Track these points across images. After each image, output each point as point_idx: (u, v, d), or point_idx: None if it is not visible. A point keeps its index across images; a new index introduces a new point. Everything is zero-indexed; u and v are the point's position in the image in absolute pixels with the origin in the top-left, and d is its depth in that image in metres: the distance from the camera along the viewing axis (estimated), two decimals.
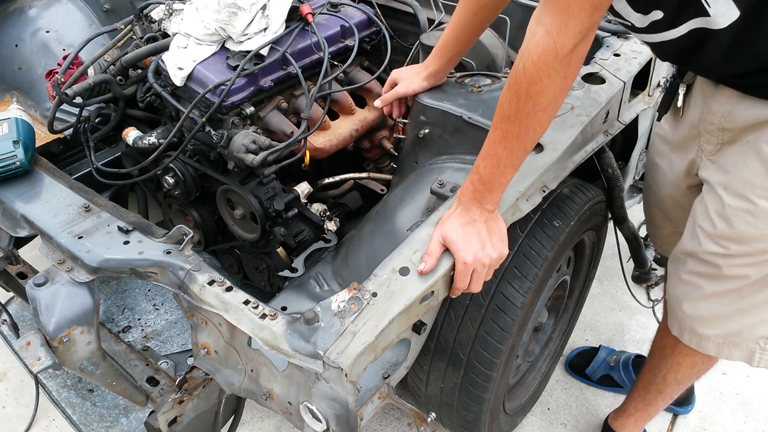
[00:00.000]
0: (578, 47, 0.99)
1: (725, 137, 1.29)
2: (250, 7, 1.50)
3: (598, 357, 2.15)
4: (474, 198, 1.12)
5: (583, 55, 1.02)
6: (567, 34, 0.96)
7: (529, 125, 1.05)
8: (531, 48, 1.00)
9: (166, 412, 1.26)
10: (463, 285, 1.13)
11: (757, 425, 2.06)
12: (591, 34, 1.00)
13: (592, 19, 0.97)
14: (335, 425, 1.03)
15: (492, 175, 1.10)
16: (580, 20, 0.96)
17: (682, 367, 1.60)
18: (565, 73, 1.00)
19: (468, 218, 1.12)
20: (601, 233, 1.83)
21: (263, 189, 1.51)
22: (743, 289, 1.33)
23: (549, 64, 0.98)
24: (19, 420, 1.98)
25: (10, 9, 2.21)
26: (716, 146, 1.31)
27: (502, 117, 1.06)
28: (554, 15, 0.97)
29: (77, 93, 1.58)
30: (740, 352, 1.42)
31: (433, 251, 1.10)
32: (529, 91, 1.01)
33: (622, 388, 2.10)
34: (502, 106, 1.06)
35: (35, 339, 1.25)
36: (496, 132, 1.08)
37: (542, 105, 1.03)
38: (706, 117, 1.31)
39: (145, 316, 1.91)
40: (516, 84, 1.02)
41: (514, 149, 1.08)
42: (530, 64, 0.99)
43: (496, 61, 1.78)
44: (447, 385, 1.47)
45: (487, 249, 1.11)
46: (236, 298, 1.12)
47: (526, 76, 1.01)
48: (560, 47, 0.97)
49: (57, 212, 1.37)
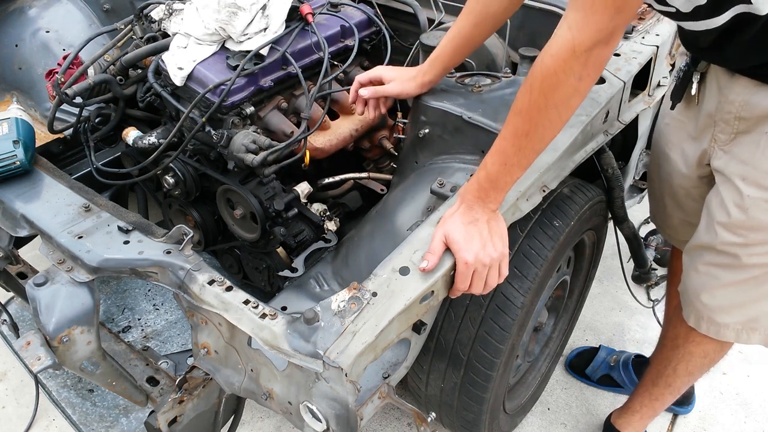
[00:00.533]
0: (597, 49, 0.97)
1: (741, 126, 1.29)
2: (250, 7, 1.50)
3: (598, 357, 2.15)
4: (478, 196, 1.11)
5: (602, 61, 1.00)
6: (586, 30, 0.95)
7: (539, 122, 1.04)
8: (552, 42, 0.99)
9: (166, 412, 1.26)
10: (464, 286, 1.12)
11: (757, 425, 2.06)
12: (613, 41, 0.98)
13: (614, 21, 0.94)
14: (335, 425, 1.03)
15: (498, 174, 1.09)
16: (601, 19, 0.94)
17: (694, 357, 1.60)
18: (581, 73, 0.98)
19: (470, 217, 1.11)
20: (601, 233, 1.83)
21: (263, 189, 1.51)
22: (761, 276, 1.36)
23: (565, 59, 0.97)
24: (19, 420, 1.98)
25: (10, 9, 2.21)
26: (730, 136, 1.32)
27: (514, 111, 1.06)
28: (577, 10, 0.96)
29: (77, 93, 1.58)
30: (759, 336, 1.45)
31: (436, 249, 1.09)
32: (542, 85, 1.00)
33: (622, 388, 2.10)
34: (516, 100, 1.05)
35: (35, 339, 1.25)
36: (507, 128, 1.08)
37: (553, 101, 1.01)
38: (723, 106, 1.32)
39: (145, 316, 1.91)
40: (531, 77, 1.02)
41: (522, 147, 1.07)
42: (548, 57, 0.99)
43: (496, 61, 1.78)
44: (447, 385, 1.47)
45: (488, 249, 1.11)
46: (236, 297, 1.12)
47: (541, 69, 1.00)
48: (578, 44, 0.96)
49: (57, 212, 1.37)
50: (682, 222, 1.66)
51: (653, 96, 1.73)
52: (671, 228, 1.74)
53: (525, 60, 1.67)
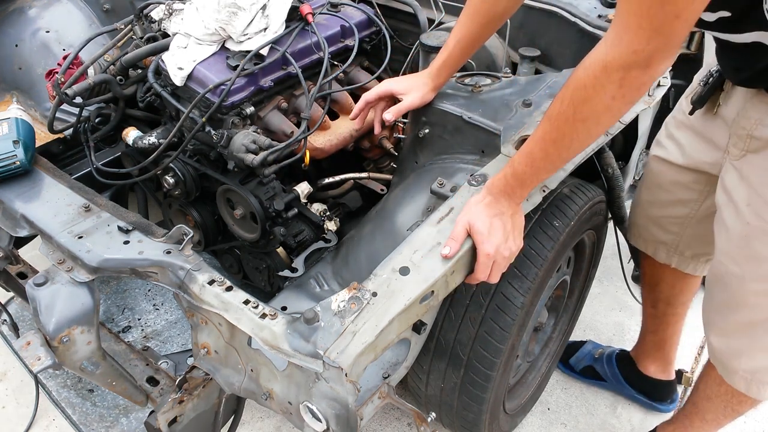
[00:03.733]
0: (634, 71, 0.90)
1: (752, 145, 1.26)
2: (250, 7, 1.50)
3: (583, 349, 2.16)
4: (505, 191, 1.12)
5: (639, 85, 0.93)
6: (619, 49, 0.90)
7: (566, 133, 1.02)
8: (589, 55, 0.96)
9: (166, 412, 1.26)
10: (483, 275, 1.14)
11: (757, 425, 2.05)
12: (653, 66, 0.90)
13: (651, 45, 0.87)
14: (335, 425, 1.03)
15: (525, 174, 1.10)
16: (635, 39, 0.88)
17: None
18: (614, 93, 0.93)
19: (496, 210, 1.12)
20: (601, 233, 1.83)
21: (263, 189, 1.51)
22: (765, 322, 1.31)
23: (596, 75, 0.93)
24: (19, 420, 1.98)
25: (10, 9, 2.21)
26: (741, 152, 1.29)
27: (546, 116, 1.05)
28: (615, 26, 0.92)
29: (77, 93, 1.58)
30: None
31: (458, 236, 1.11)
32: (573, 96, 0.98)
33: (605, 381, 2.10)
34: (550, 105, 1.04)
35: (35, 339, 1.25)
36: (537, 131, 1.07)
37: (582, 114, 0.98)
38: (739, 120, 1.29)
39: (145, 316, 1.91)
40: (566, 86, 1.00)
41: (549, 153, 1.06)
42: (581, 69, 0.97)
43: (496, 61, 1.78)
44: (447, 384, 1.47)
45: (509, 242, 1.13)
46: (236, 297, 1.12)
47: (575, 79, 0.98)
48: (610, 60, 0.91)
49: (57, 212, 1.37)
50: (653, 216, 1.64)
51: (653, 96, 1.72)
52: (638, 226, 1.73)
53: (525, 60, 1.67)
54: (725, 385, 1.51)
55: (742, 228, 1.28)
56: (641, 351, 2.00)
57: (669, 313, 1.85)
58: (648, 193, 1.67)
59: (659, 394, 2.01)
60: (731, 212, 1.31)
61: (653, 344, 1.95)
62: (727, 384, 1.50)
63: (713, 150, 1.41)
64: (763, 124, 1.23)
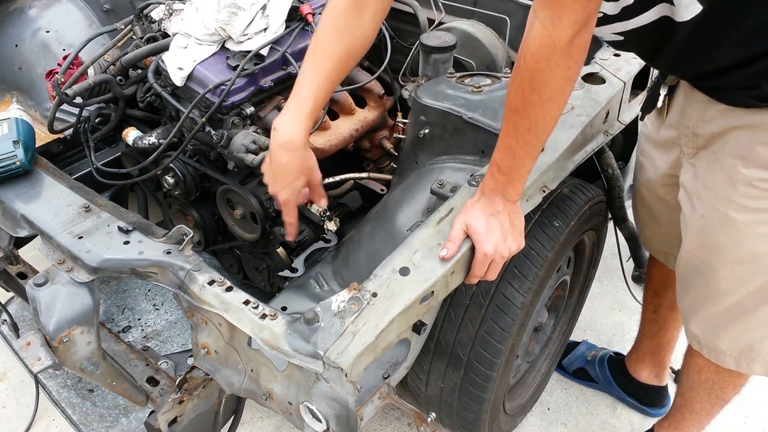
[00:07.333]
0: (578, 37, 0.95)
1: (699, 142, 1.28)
2: (250, 7, 1.51)
3: (577, 350, 2.15)
4: (496, 189, 1.12)
5: (584, 43, 0.98)
6: (562, 25, 0.93)
7: (539, 116, 1.04)
8: (528, 41, 0.98)
9: (166, 412, 1.26)
10: (480, 273, 1.15)
11: (757, 425, 2.05)
12: (591, 23, 0.96)
13: (587, 9, 0.93)
14: (335, 425, 1.03)
15: (510, 167, 1.10)
16: (573, 10, 0.92)
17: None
18: (567, 63, 0.97)
19: (492, 209, 1.12)
20: (601, 233, 1.83)
21: (263, 189, 1.51)
22: (744, 302, 1.32)
23: (548, 56, 0.96)
24: (19, 420, 1.98)
25: (10, 9, 2.21)
26: (693, 150, 1.31)
27: (510, 109, 1.06)
28: (546, 7, 0.94)
29: (77, 93, 1.58)
30: (760, 367, 1.40)
31: (456, 238, 1.11)
32: (533, 83, 1.00)
33: (597, 383, 2.09)
34: (509, 99, 1.05)
35: (35, 339, 1.25)
36: (507, 125, 1.07)
37: (547, 95, 1.01)
38: (682, 120, 1.31)
39: (145, 316, 1.91)
40: (519, 76, 1.01)
41: (528, 141, 1.07)
42: (529, 57, 0.98)
43: (496, 61, 1.78)
44: (447, 385, 1.48)
45: (507, 242, 1.13)
46: (236, 298, 1.12)
47: (527, 69, 0.99)
48: (557, 39, 0.94)
49: (57, 212, 1.37)
50: (658, 234, 1.65)
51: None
52: (647, 238, 1.74)
53: None
54: (705, 372, 1.53)
55: (699, 220, 1.30)
56: (636, 355, 2.00)
57: (670, 319, 1.85)
58: (643, 212, 1.68)
59: (650, 399, 2.01)
60: (688, 207, 1.33)
61: (650, 349, 1.95)
62: (706, 371, 1.52)
63: (673, 154, 1.42)
64: (703, 121, 1.24)
